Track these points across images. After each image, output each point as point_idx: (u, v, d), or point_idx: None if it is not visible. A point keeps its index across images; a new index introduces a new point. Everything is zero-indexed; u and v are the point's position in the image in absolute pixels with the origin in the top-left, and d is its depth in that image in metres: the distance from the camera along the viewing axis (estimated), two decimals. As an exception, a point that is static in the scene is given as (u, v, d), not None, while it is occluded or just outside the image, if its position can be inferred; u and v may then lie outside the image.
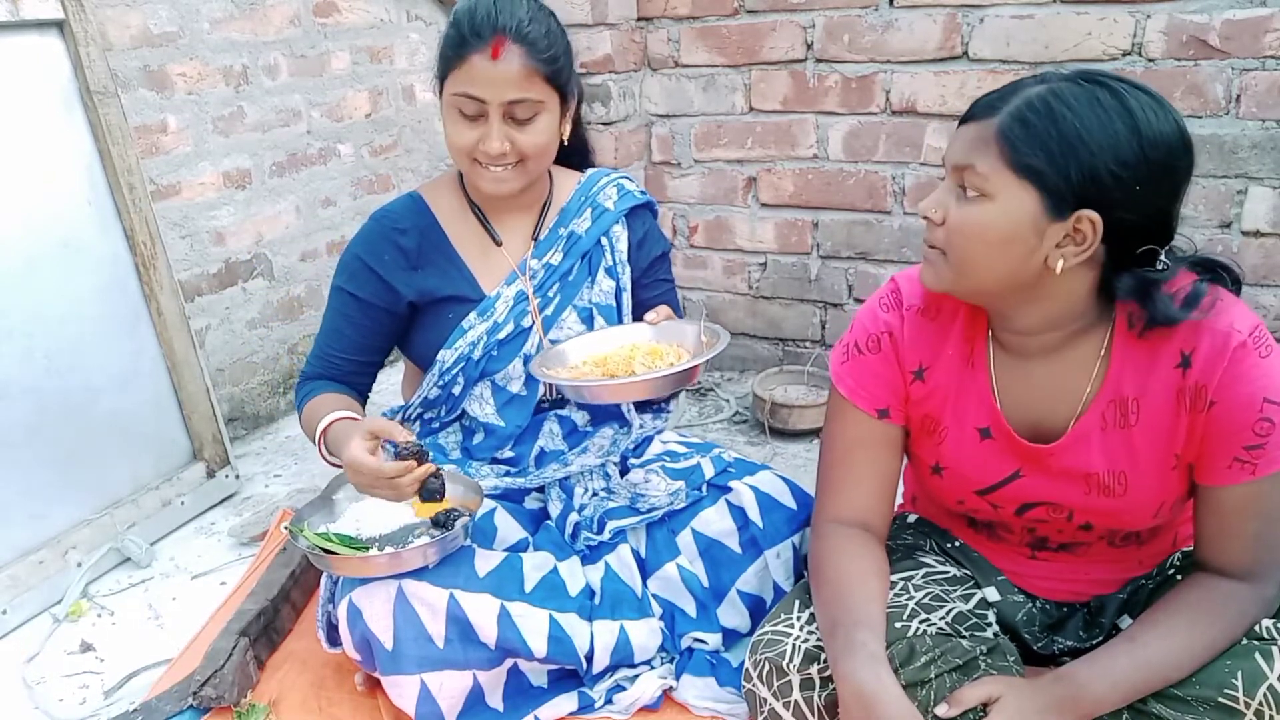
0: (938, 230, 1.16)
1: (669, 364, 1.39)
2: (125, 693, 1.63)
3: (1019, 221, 1.09)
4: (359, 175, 2.90)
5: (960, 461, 1.29)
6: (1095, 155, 1.05)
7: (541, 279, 1.59)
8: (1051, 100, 1.07)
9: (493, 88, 1.40)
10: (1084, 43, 2.24)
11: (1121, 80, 1.08)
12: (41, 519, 1.91)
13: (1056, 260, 1.09)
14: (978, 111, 1.13)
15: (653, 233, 1.69)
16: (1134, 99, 1.06)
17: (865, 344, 1.30)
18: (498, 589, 1.40)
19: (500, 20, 1.39)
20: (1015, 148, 1.07)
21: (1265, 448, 1.11)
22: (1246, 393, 1.10)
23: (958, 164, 1.13)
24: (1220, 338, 1.11)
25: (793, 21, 2.52)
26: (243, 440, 2.61)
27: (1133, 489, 1.20)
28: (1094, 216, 1.06)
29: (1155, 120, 1.06)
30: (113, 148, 2.02)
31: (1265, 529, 1.15)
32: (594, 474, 1.65)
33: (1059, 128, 1.06)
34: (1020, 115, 1.08)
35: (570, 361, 1.50)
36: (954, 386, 1.27)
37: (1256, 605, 1.15)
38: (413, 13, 2.99)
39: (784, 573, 1.54)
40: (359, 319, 1.57)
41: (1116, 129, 1.05)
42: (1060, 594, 1.36)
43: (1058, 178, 1.06)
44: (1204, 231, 2.27)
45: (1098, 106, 1.06)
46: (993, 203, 1.09)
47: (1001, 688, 1.15)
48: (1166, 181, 1.08)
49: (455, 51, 1.41)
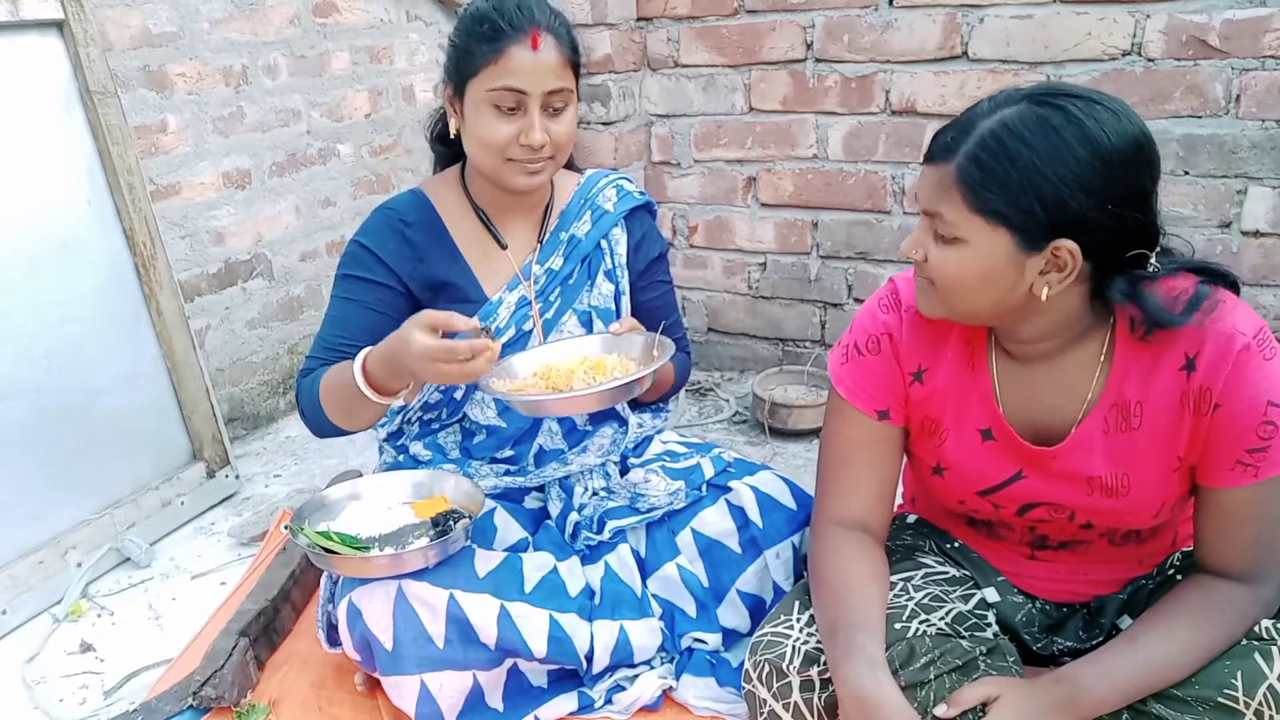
0: (923, 266, 1.16)
1: (613, 377, 1.39)
2: (125, 693, 1.63)
3: (996, 261, 1.08)
4: (359, 175, 2.90)
5: (962, 462, 1.29)
6: (1059, 187, 1.03)
7: (543, 284, 1.59)
8: (1004, 136, 1.05)
9: (534, 77, 1.39)
10: (1084, 43, 2.24)
11: (1074, 95, 1.06)
12: (41, 519, 1.91)
13: (1041, 288, 1.09)
14: (935, 152, 1.11)
15: (651, 234, 1.69)
16: (1089, 116, 1.04)
17: (865, 345, 1.30)
18: (498, 589, 1.40)
19: (534, 12, 1.40)
20: (976, 193, 1.06)
21: (1268, 450, 1.11)
22: (1251, 395, 1.10)
23: (926, 210, 1.13)
24: (1225, 340, 1.10)
25: (792, 21, 2.52)
26: (242, 440, 2.61)
27: (1135, 490, 1.20)
28: (1070, 245, 1.06)
29: (1113, 136, 1.04)
30: (112, 148, 2.02)
31: (1266, 531, 1.15)
32: (594, 473, 1.65)
33: (1016, 166, 1.04)
34: (975, 157, 1.06)
35: (519, 374, 1.48)
36: (955, 388, 1.27)
37: (1256, 606, 1.15)
38: (413, 13, 2.99)
39: (784, 573, 1.54)
40: (368, 301, 1.51)
41: (1076, 155, 1.03)
42: (1059, 594, 1.36)
43: (1024, 217, 1.05)
44: (1204, 231, 2.28)
45: (1052, 134, 1.04)
46: (967, 246, 1.09)
47: (1001, 688, 1.15)
48: (1136, 192, 1.07)
49: (490, 46, 1.39)
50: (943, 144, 1.10)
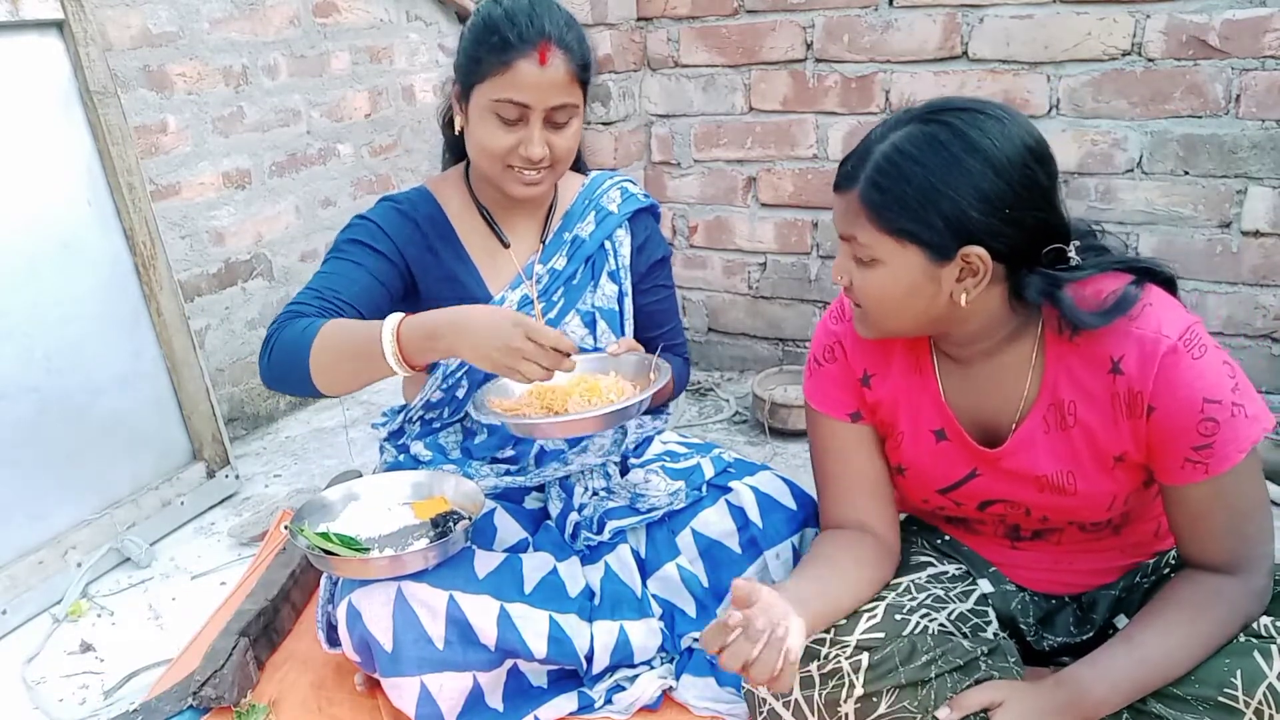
0: (850, 291, 1.21)
1: (608, 400, 1.39)
2: (125, 693, 1.63)
3: (912, 277, 1.13)
4: (359, 175, 2.90)
5: (920, 463, 1.32)
6: (955, 199, 1.08)
7: (546, 284, 1.59)
8: (897, 158, 1.10)
9: (539, 93, 1.38)
10: (1084, 43, 2.24)
11: (958, 109, 1.10)
12: (41, 519, 1.91)
13: (960, 295, 1.13)
14: (841, 182, 1.16)
15: (654, 237, 1.69)
16: (972, 127, 1.08)
17: (822, 355, 1.36)
18: (497, 590, 1.40)
19: (545, 25, 1.37)
20: (881, 214, 1.11)
21: (1214, 447, 1.12)
22: (1184, 396, 1.11)
23: (843, 236, 1.17)
24: (1149, 344, 1.12)
25: (792, 21, 2.52)
26: (242, 440, 2.61)
27: (1081, 487, 1.22)
28: (979, 251, 1.09)
29: (1002, 144, 1.08)
30: (112, 148, 2.02)
31: (1236, 522, 1.16)
32: (594, 473, 1.65)
33: (912, 185, 1.09)
34: (874, 182, 1.11)
35: (514, 391, 1.48)
36: (906, 393, 1.30)
37: (1247, 598, 1.16)
38: (413, 13, 2.99)
39: (784, 573, 1.54)
40: (371, 267, 1.46)
41: (967, 167, 1.07)
42: (1048, 585, 1.37)
43: (929, 231, 1.09)
44: (1204, 231, 2.28)
45: (941, 150, 1.08)
46: (884, 266, 1.14)
47: (1004, 692, 1.16)
48: (1034, 194, 1.10)
49: (498, 57, 1.37)
50: (845, 173, 1.16)
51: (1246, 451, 1.12)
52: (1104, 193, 2.34)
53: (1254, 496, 1.16)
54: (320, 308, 1.38)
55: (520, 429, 1.37)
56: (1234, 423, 1.11)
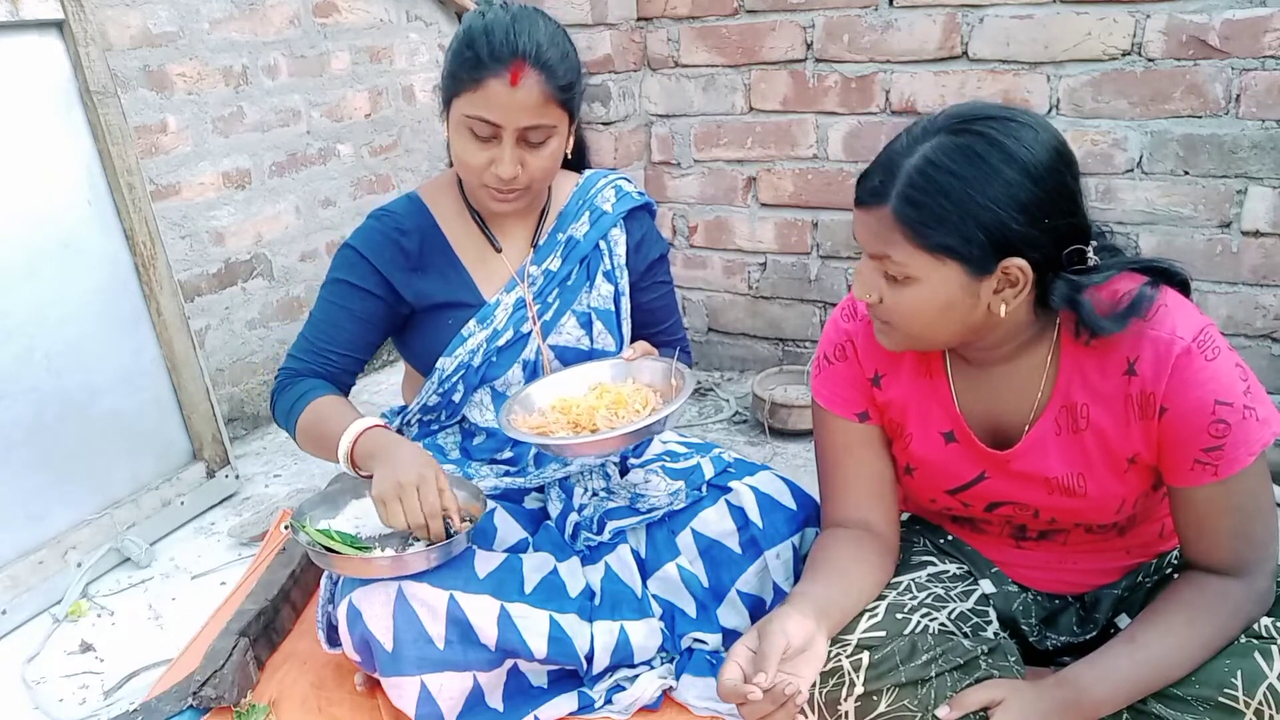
0: (879, 308, 1.17)
1: (634, 412, 1.38)
2: (125, 693, 1.63)
3: (949, 292, 1.10)
4: (359, 175, 2.90)
5: (928, 464, 1.31)
6: (996, 211, 1.05)
7: (540, 285, 1.58)
8: (931, 171, 1.06)
9: (509, 114, 1.37)
10: (1084, 43, 2.24)
11: (987, 116, 1.08)
12: (41, 519, 1.91)
13: (999, 306, 1.11)
14: (866, 198, 1.12)
15: (651, 234, 1.69)
16: (1007, 136, 1.06)
17: (833, 353, 1.35)
18: (498, 590, 1.40)
19: (520, 44, 1.34)
20: (918, 232, 1.08)
21: (1224, 449, 1.12)
22: (1196, 397, 1.11)
23: (873, 254, 1.14)
24: (1163, 346, 1.11)
25: (792, 21, 2.52)
26: (242, 440, 2.61)
27: (1092, 490, 1.22)
28: (1019, 263, 1.08)
29: (1035, 149, 1.06)
30: (112, 148, 2.02)
31: (1242, 525, 1.16)
32: (594, 474, 1.65)
33: (950, 199, 1.05)
34: (908, 198, 1.07)
35: (537, 405, 1.48)
36: (915, 394, 1.29)
37: (1250, 600, 1.16)
38: (413, 13, 2.99)
39: (784, 573, 1.54)
40: (358, 310, 1.53)
41: (1005, 177, 1.05)
42: (1051, 584, 1.37)
43: (969, 246, 1.07)
44: (1204, 231, 2.28)
45: (978, 160, 1.05)
46: (920, 284, 1.11)
47: (1004, 691, 1.15)
48: (1066, 199, 1.09)
49: (470, 74, 1.36)
50: (871, 188, 1.11)
51: (1256, 454, 1.12)
52: (1104, 193, 2.34)
53: (1261, 500, 1.16)
54: (314, 364, 1.52)
55: (554, 450, 1.37)
56: (1245, 425, 1.10)
